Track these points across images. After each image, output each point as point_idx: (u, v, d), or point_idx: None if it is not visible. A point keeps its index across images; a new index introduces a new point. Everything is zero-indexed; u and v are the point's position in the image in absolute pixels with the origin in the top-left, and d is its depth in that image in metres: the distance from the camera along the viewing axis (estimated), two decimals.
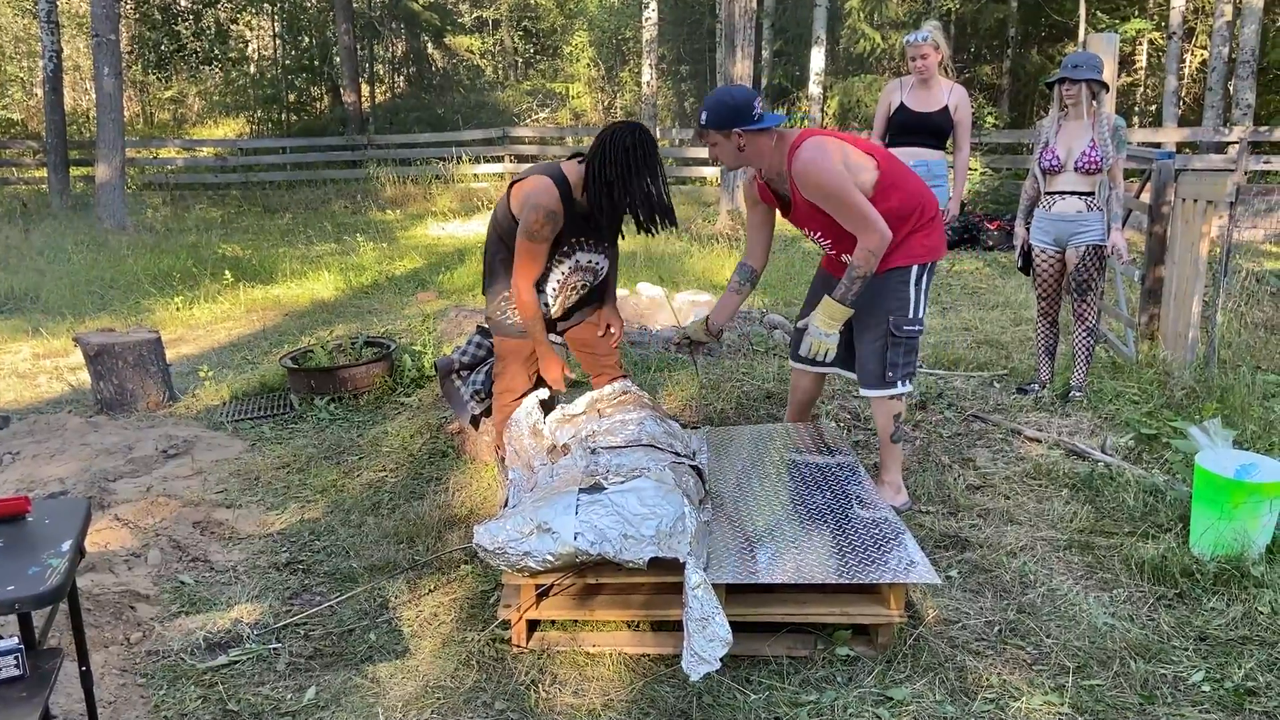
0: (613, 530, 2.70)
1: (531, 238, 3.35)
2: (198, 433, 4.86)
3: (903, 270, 3.46)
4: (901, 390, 3.57)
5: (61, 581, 1.83)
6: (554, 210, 3.32)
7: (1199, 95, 15.65)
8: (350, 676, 2.76)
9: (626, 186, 3.24)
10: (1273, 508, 3.16)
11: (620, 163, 3.22)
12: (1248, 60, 12.73)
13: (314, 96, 23.64)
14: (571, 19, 22.43)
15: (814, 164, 3.24)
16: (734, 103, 3.28)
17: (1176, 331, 4.99)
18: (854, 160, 3.34)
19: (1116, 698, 2.55)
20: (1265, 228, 10.63)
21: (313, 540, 3.68)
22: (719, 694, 2.62)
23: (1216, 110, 13.53)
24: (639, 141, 3.23)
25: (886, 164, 3.40)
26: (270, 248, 11.00)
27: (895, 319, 3.47)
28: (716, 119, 3.29)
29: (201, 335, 7.23)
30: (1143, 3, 17.36)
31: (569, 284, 3.59)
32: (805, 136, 3.33)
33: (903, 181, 3.43)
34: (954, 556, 3.36)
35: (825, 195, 3.26)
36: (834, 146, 3.31)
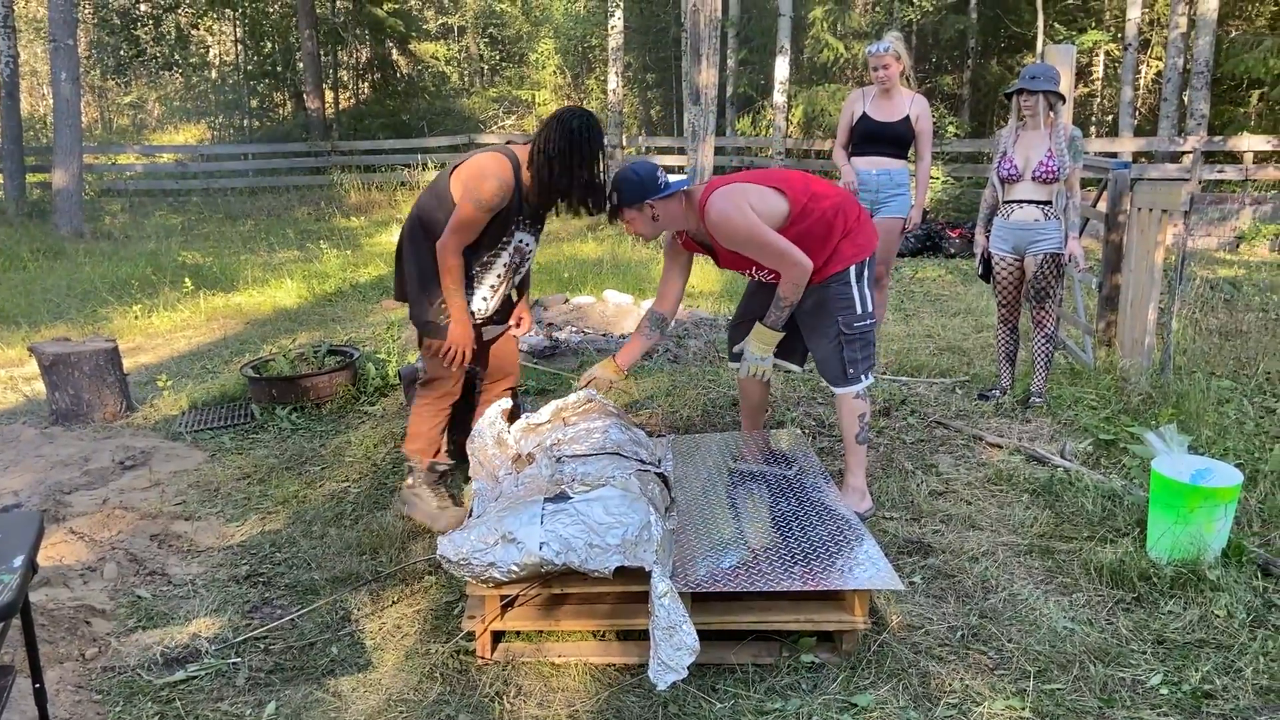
0: (578, 539, 2.69)
1: (479, 206, 3.40)
2: (156, 443, 4.79)
3: (841, 274, 3.57)
4: (866, 383, 3.67)
5: (13, 598, 1.79)
6: (506, 182, 3.40)
7: (1154, 106, 15.94)
8: (311, 691, 2.73)
9: (566, 164, 3.34)
10: (1227, 512, 3.21)
11: (565, 140, 3.32)
12: (1202, 71, 12.99)
13: (277, 102, 23.41)
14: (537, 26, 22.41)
15: (724, 215, 3.40)
16: (640, 178, 3.41)
17: (1133, 338, 5.07)
18: (761, 198, 3.46)
19: (1076, 701, 2.58)
20: (1219, 236, 10.85)
21: (273, 552, 3.63)
22: (684, 703, 2.62)
23: (1171, 120, 13.79)
24: (585, 125, 3.35)
25: (798, 186, 3.53)
26: (232, 255, 10.88)
27: (845, 318, 3.58)
28: (629, 196, 3.41)
29: (160, 344, 7.12)
30: (1099, 15, 17.67)
31: (510, 267, 3.65)
32: (710, 191, 3.47)
33: (819, 198, 3.54)
34: (917, 562, 3.38)
35: (741, 241, 3.44)
36: (738, 192, 3.44)
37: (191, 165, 17.64)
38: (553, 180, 3.38)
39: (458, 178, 3.46)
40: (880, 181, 5.53)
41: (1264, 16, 16.00)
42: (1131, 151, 12.98)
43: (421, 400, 3.79)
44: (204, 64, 24.04)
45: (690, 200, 3.51)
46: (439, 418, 3.79)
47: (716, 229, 3.43)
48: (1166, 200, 4.78)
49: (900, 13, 17.21)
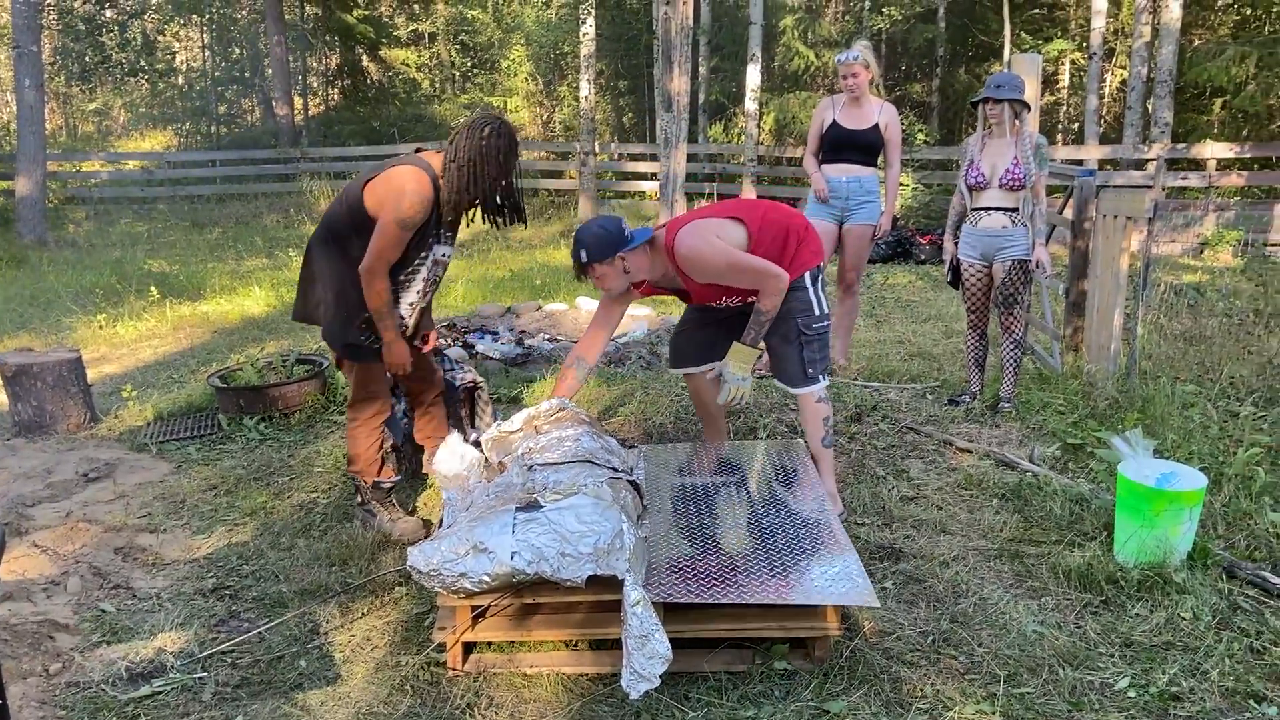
0: (550, 549, 2.68)
1: (403, 225, 3.32)
2: (120, 455, 4.72)
3: (798, 281, 3.65)
4: (824, 383, 3.74)
5: None
6: (426, 197, 3.32)
7: (1119, 114, 16.16)
8: (279, 705, 2.69)
9: (475, 173, 3.29)
10: (1192, 515, 3.25)
11: (475, 149, 3.27)
12: (1165, 80, 13.18)
13: (245, 109, 23.21)
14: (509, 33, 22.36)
15: (694, 250, 3.43)
16: (608, 231, 3.42)
17: (1099, 343, 5.13)
18: (721, 229, 3.52)
19: (1046, 705, 2.60)
20: (1183, 242, 11.00)
21: (241, 565, 3.58)
22: (657, 712, 2.61)
23: (1136, 128, 13.97)
24: (495, 132, 3.29)
25: (748, 212, 3.60)
26: (199, 263, 10.77)
27: (803, 320, 3.66)
28: (598, 252, 3.40)
29: (125, 354, 7.03)
30: (1065, 24, 17.89)
31: (429, 281, 3.59)
32: (674, 231, 3.49)
33: (770, 220, 3.62)
34: (889, 568, 3.40)
35: (716, 271, 3.47)
36: (702, 227, 3.48)
37: (158, 172, 17.44)
38: (462, 190, 3.32)
39: (373, 193, 3.35)
40: (850, 189, 5.56)
41: (1226, 26, 16.28)
42: (1097, 159, 13.13)
43: (353, 422, 3.72)
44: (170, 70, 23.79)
45: (654, 247, 3.53)
46: (374, 436, 3.73)
47: (689, 265, 3.46)
48: (1131, 207, 4.84)
49: (870, 21, 17.35)
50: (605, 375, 5.60)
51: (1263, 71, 12.81)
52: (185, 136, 22.25)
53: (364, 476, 3.73)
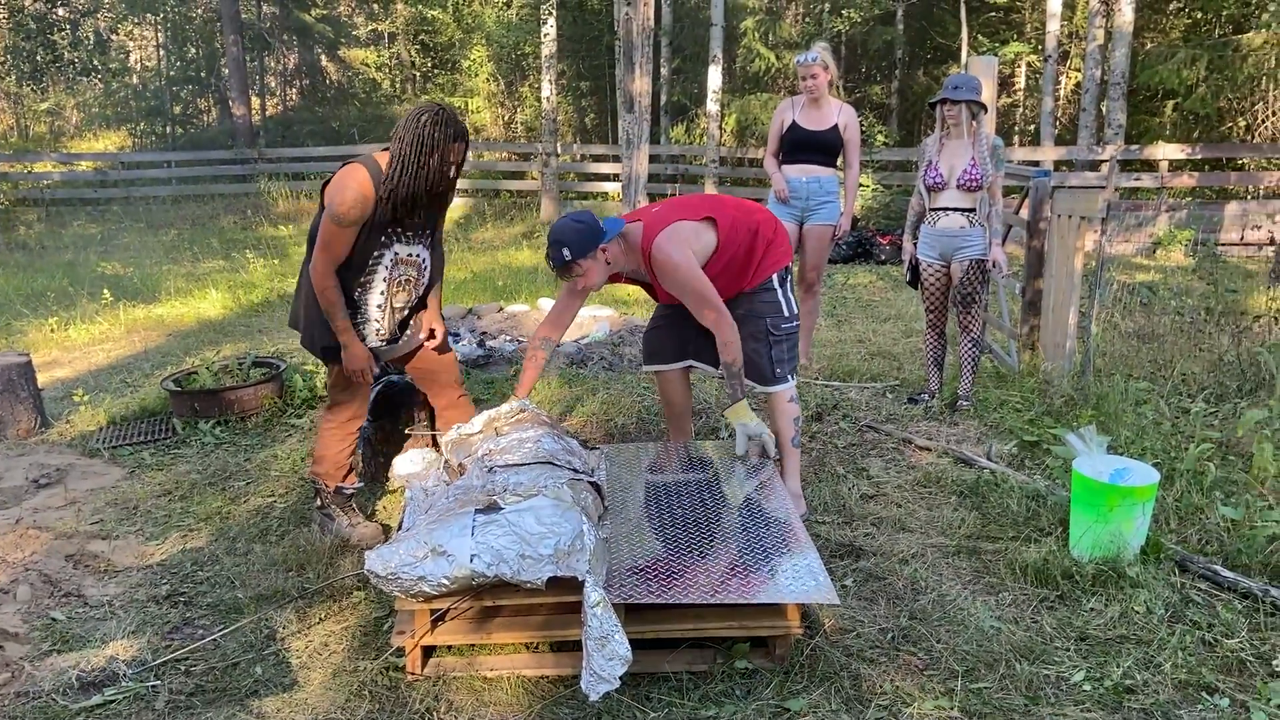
0: (510, 550, 2.66)
1: (338, 221, 3.26)
2: (72, 460, 4.63)
3: (767, 282, 3.70)
4: (791, 383, 3.77)
5: None
6: (363, 194, 3.24)
7: (1074, 116, 16.40)
8: (234, 713, 2.65)
9: (416, 162, 3.20)
10: (1145, 510, 3.30)
11: (414, 138, 3.19)
12: (1118, 82, 13.40)
13: (201, 109, 22.88)
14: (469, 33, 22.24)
15: (670, 262, 3.43)
16: (586, 226, 3.41)
17: (1055, 342, 5.20)
18: (696, 236, 3.51)
19: (1003, 700, 2.63)
20: (1136, 242, 11.19)
21: (195, 571, 3.53)
22: (618, 713, 2.61)
23: (1090, 130, 14.19)
24: (434, 119, 3.20)
25: (719, 211, 3.60)
26: (154, 265, 10.59)
27: (772, 320, 3.69)
28: (580, 248, 3.37)
29: (78, 358, 6.89)
30: (1021, 27, 18.13)
31: (394, 281, 3.50)
32: (652, 230, 3.47)
33: (742, 221, 3.64)
34: (849, 565, 3.42)
35: (681, 290, 3.48)
36: (680, 238, 3.46)
37: (112, 173, 17.14)
38: (403, 180, 3.23)
39: (327, 193, 3.31)
40: (810, 189, 5.59)
41: (1178, 29, 16.58)
42: (1053, 160, 13.32)
43: (327, 424, 3.69)
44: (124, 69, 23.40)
45: (627, 240, 3.51)
46: (346, 441, 3.70)
47: (660, 272, 3.47)
48: (1085, 207, 4.91)
49: (829, 24, 17.46)
50: (567, 376, 5.58)
51: (1213, 74, 13.06)
52: (140, 137, 21.90)
53: (327, 479, 3.68)
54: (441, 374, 3.84)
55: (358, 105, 22.84)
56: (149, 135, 21.82)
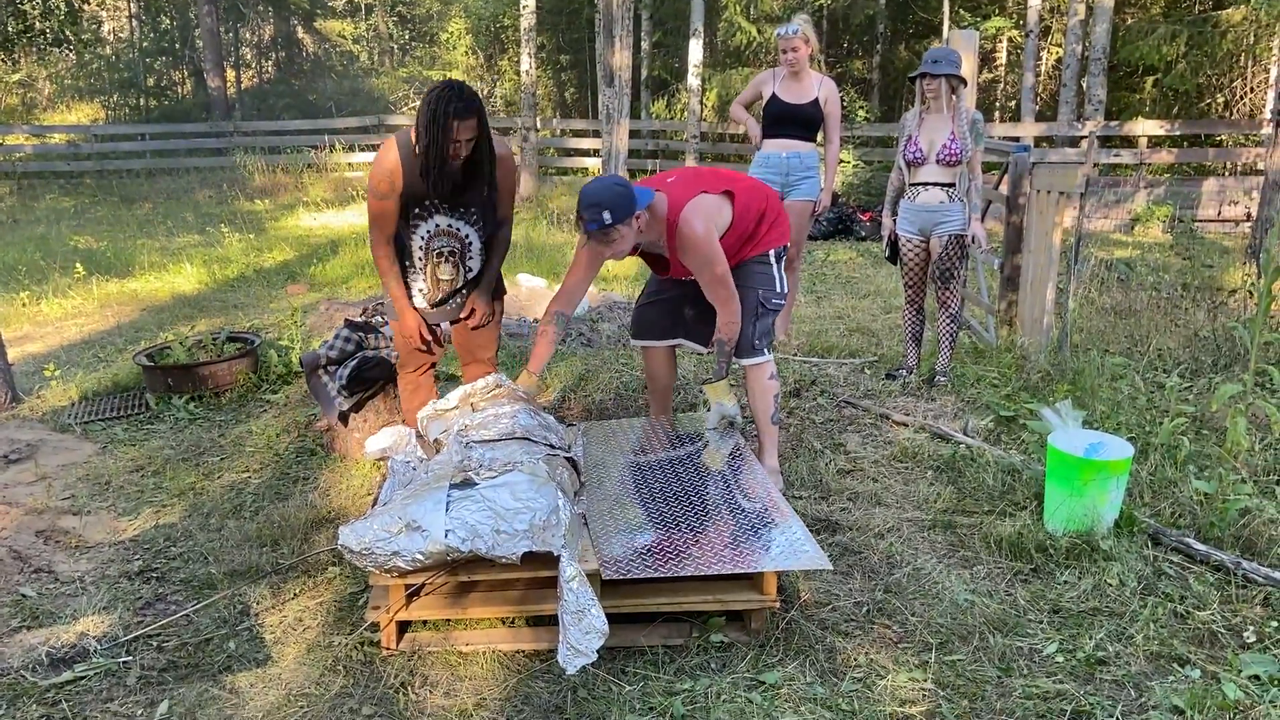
0: (485, 526, 2.65)
1: (372, 194, 3.40)
2: (43, 435, 4.57)
3: (763, 256, 3.71)
4: (769, 357, 3.78)
5: None
6: (390, 167, 3.34)
7: (1055, 91, 16.42)
8: (207, 688, 2.63)
9: (422, 136, 3.23)
10: (1119, 484, 3.32)
11: (427, 112, 3.21)
12: (1099, 58, 13.41)
13: (175, 81, 22.55)
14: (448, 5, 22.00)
15: (695, 236, 3.39)
16: (626, 190, 3.31)
17: (1033, 317, 5.22)
18: (718, 210, 3.51)
19: (976, 671, 2.64)
20: (1114, 218, 11.24)
21: (168, 546, 3.49)
22: (594, 687, 2.60)
23: (1070, 106, 14.21)
24: (438, 96, 3.20)
25: (735, 186, 3.60)
26: (127, 239, 10.46)
27: (764, 294, 3.70)
28: (621, 213, 3.27)
29: (49, 332, 6.80)
30: (1002, 2, 18.09)
31: (434, 249, 3.55)
32: (678, 202, 3.42)
33: (752, 195, 3.66)
34: (825, 539, 3.42)
35: (699, 265, 3.46)
36: (704, 210, 3.43)
37: (85, 146, 16.90)
38: (425, 154, 3.25)
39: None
40: (790, 164, 5.57)
41: (1158, 5, 16.59)
42: (1033, 136, 13.34)
43: (400, 380, 3.88)
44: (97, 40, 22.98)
45: (653, 211, 3.44)
46: (420, 393, 3.82)
47: (685, 245, 3.43)
48: (1064, 183, 4.91)
49: None
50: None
51: (1192, 50, 13.09)
52: (113, 109, 21.58)
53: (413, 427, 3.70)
54: (476, 349, 3.85)
55: (335, 78, 22.58)
56: (123, 107, 21.51)
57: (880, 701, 2.51)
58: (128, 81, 21.52)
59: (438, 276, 3.61)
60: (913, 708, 2.48)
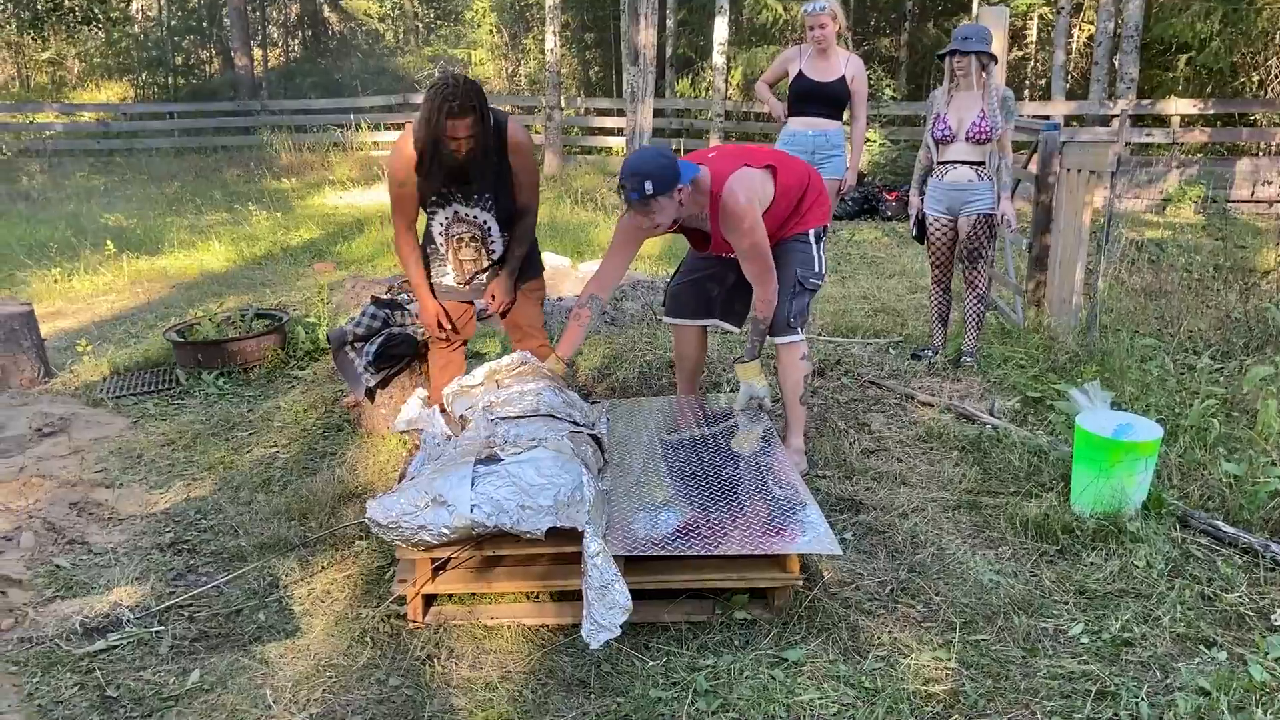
0: (510, 501, 2.67)
1: (394, 183, 3.47)
2: (75, 410, 4.64)
3: (803, 235, 3.70)
4: (802, 336, 3.75)
5: None
6: (404, 156, 3.39)
7: (1086, 70, 16.18)
8: (237, 658, 2.67)
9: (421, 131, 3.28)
10: (1148, 465, 3.29)
11: (422, 110, 3.25)
12: (1131, 35, 13.18)
13: (203, 59, 22.66)
14: None
15: (739, 209, 3.36)
16: (670, 161, 3.26)
17: (1061, 298, 5.17)
18: (762, 186, 3.48)
19: (1000, 651, 2.64)
20: (1146, 198, 11.08)
21: (199, 519, 3.54)
22: (617, 661, 2.63)
23: (1102, 84, 14.00)
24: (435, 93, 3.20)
25: (779, 162, 3.61)
26: (157, 217, 10.54)
27: (803, 272, 3.67)
28: (664, 183, 3.22)
29: (81, 308, 6.89)
30: None
31: (453, 235, 3.61)
32: (721, 174, 3.38)
33: (794, 172, 3.64)
34: (849, 519, 3.42)
35: (741, 239, 3.42)
36: (748, 183, 3.40)
37: (114, 124, 17.02)
38: (424, 153, 3.31)
39: None
40: (816, 142, 5.52)
41: None
42: (1064, 115, 13.15)
43: (430, 360, 3.97)
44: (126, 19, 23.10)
45: (697, 185, 3.40)
46: (448, 372, 3.86)
47: (726, 218, 3.40)
48: (1094, 162, 4.85)
49: None
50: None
51: (1227, 28, 12.85)
52: (142, 88, 21.70)
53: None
54: (523, 325, 3.90)
55: (360, 57, 22.59)
56: (151, 86, 21.62)
57: (904, 680, 2.51)
58: (156, 60, 21.61)
59: (460, 259, 3.67)
60: (936, 686, 2.49)
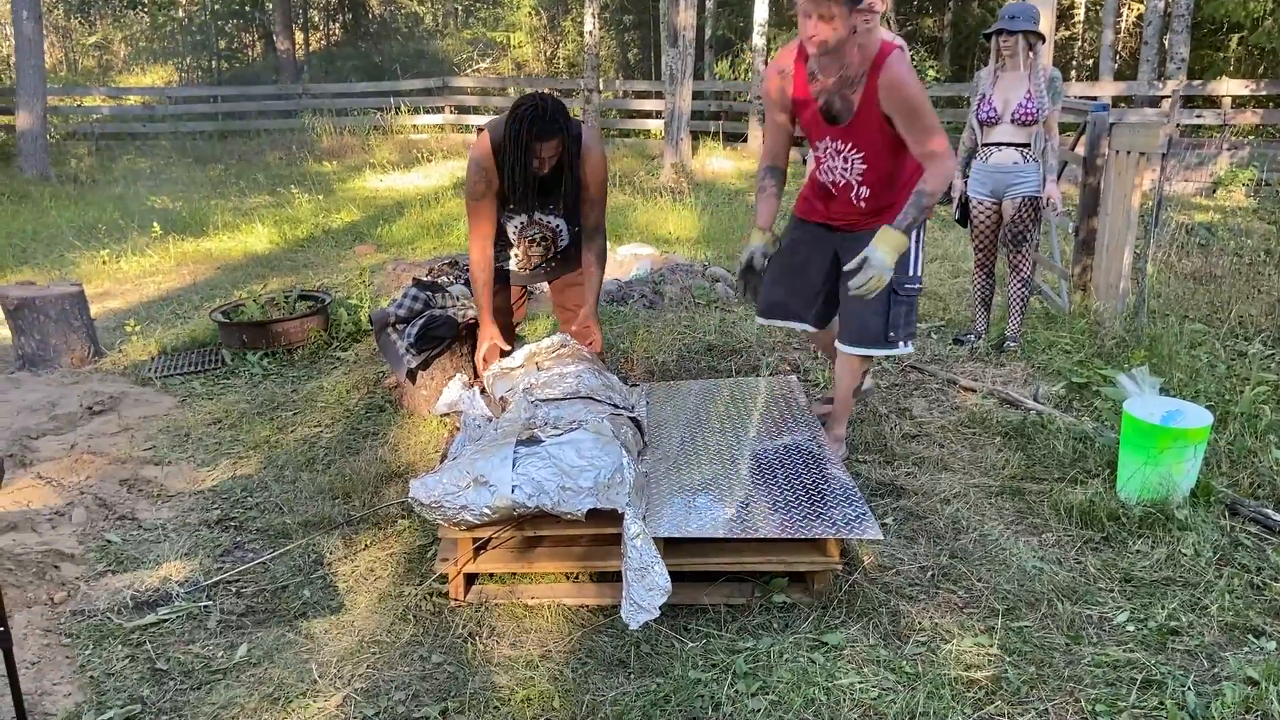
0: (550, 482, 2.69)
1: (470, 196, 3.48)
2: (125, 389, 4.73)
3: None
4: (905, 350, 3.48)
5: None
6: (483, 166, 3.40)
7: (1135, 49, 15.84)
8: (284, 633, 2.72)
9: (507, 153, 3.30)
10: (1196, 452, 3.24)
11: (509, 131, 3.27)
12: (1182, 15, 12.89)
13: (245, 43, 22.88)
14: None
15: (902, 76, 3.00)
16: None
17: (1108, 282, 5.08)
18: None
19: (1044, 638, 2.62)
20: (1196, 181, 10.86)
21: (245, 497, 3.60)
22: (657, 642, 2.64)
23: (1151, 64, 13.71)
24: (522, 115, 3.23)
25: None
26: (201, 199, 10.69)
27: (897, 276, 3.21)
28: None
29: (129, 289, 7.01)
30: None
31: (526, 235, 3.65)
32: (888, 46, 3.06)
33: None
34: (889, 504, 3.40)
35: (910, 108, 3.02)
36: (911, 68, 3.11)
37: (159, 108, 17.25)
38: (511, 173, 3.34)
39: None
40: None
41: None
42: (1112, 95, 12.90)
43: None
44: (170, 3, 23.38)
45: (864, 50, 3.03)
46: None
47: (892, 86, 2.99)
48: (1144, 143, 4.75)
49: None
50: (607, 314, 5.57)
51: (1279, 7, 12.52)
52: (186, 71, 21.97)
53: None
54: (569, 306, 3.93)
55: (399, 40, 22.69)
56: (195, 70, 21.88)
57: (945, 665, 2.50)
58: (200, 44, 21.87)
59: (528, 254, 3.73)
60: (978, 672, 2.47)
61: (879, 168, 3.26)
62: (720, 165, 12.96)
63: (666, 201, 10.06)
